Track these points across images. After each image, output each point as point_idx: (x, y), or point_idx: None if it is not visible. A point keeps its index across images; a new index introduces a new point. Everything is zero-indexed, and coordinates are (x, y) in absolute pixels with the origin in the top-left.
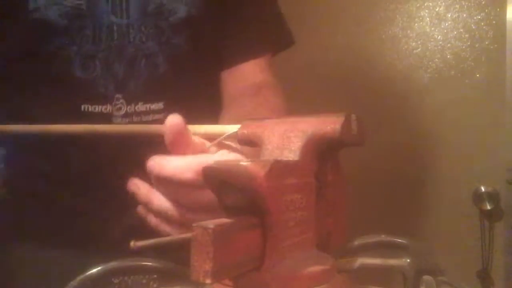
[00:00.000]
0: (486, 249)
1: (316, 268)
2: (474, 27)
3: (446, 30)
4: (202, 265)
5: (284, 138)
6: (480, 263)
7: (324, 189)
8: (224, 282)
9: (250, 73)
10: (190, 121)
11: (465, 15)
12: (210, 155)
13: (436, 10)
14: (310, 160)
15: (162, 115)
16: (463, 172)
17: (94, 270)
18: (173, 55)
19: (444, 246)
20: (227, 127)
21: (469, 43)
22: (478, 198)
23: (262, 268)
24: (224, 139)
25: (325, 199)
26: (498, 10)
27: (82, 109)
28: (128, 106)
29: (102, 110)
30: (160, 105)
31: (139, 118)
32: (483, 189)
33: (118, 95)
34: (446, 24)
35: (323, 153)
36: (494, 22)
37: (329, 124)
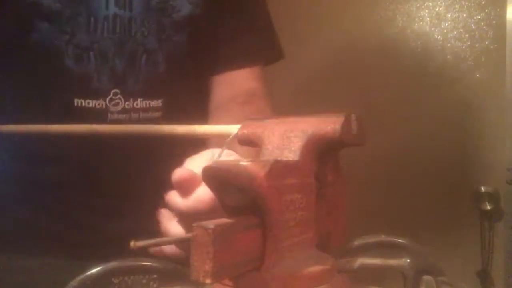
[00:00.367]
0: (486, 249)
1: (316, 268)
2: (474, 27)
3: (446, 30)
4: (202, 265)
5: (284, 138)
6: (480, 263)
7: (324, 189)
8: (224, 282)
9: (242, 80)
10: (188, 120)
11: (465, 15)
12: None
13: (436, 10)
14: (310, 160)
15: (161, 113)
16: (463, 172)
17: (94, 270)
18: (172, 53)
19: (444, 246)
20: (227, 127)
21: (469, 43)
22: (478, 198)
23: (262, 268)
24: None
25: (325, 199)
26: (498, 10)
27: (75, 103)
28: (126, 102)
29: (96, 106)
30: (159, 102)
31: (137, 114)
32: (483, 189)
33: (116, 90)
34: (446, 24)
35: (323, 153)
36: (494, 22)
37: (329, 124)
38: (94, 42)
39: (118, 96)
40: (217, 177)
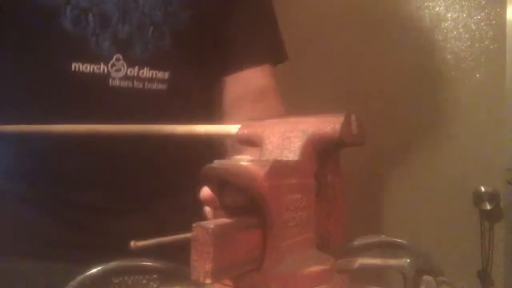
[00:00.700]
0: (486, 249)
1: (316, 268)
2: (474, 27)
3: (446, 30)
4: (202, 265)
5: (284, 138)
6: (480, 263)
7: (324, 189)
8: (224, 282)
9: (254, 78)
10: (192, 100)
11: (465, 15)
12: None
13: (436, 10)
14: (310, 160)
15: (166, 86)
16: (463, 172)
17: (94, 270)
18: (177, 30)
19: (444, 246)
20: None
21: (469, 43)
22: (478, 198)
23: (262, 268)
24: (225, 140)
25: (325, 199)
26: (498, 10)
27: (73, 68)
28: (129, 69)
29: (95, 70)
30: (165, 74)
31: (142, 83)
32: (483, 189)
33: (118, 55)
34: (446, 24)
35: (323, 153)
36: (494, 22)
37: (329, 124)
38: (94, 4)
39: (121, 61)
40: (217, 177)
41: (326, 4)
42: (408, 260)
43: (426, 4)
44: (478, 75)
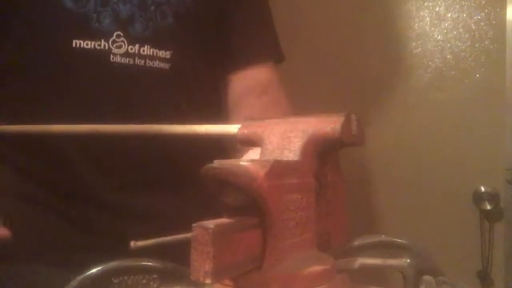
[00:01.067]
0: (486, 249)
1: (316, 268)
2: (474, 27)
3: (446, 30)
4: (202, 265)
5: (284, 138)
6: (480, 263)
7: (324, 189)
8: (224, 282)
9: (258, 73)
10: (196, 82)
11: (465, 15)
12: None
13: (436, 10)
14: (310, 160)
15: (168, 66)
16: (463, 172)
17: (94, 270)
18: (179, 11)
19: (444, 246)
20: (228, 127)
21: (469, 43)
22: (478, 198)
23: (262, 268)
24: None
25: (325, 199)
26: (498, 10)
27: (74, 44)
28: (129, 46)
29: (96, 47)
30: (167, 54)
31: (143, 61)
32: (483, 189)
33: (119, 33)
34: (446, 24)
35: (323, 153)
36: (494, 22)
37: (329, 124)
38: None
39: (121, 38)
40: (217, 177)
41: (325, 3)
42: (408, 260)
43: (426, 4)
44: (478, 75)
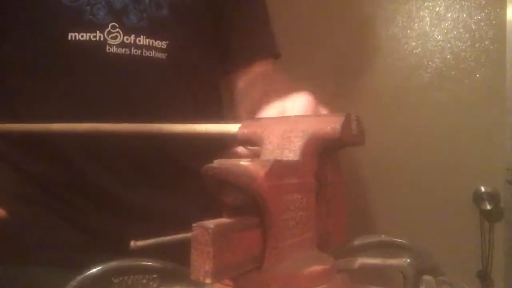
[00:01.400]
0: (486, 249)
1: (316, 268)
2: (474, 27)
3: (446, 30)
4: (202, 265)
5: (284, 138)
6: (480, 263)
7: (324, 189)
8: (224, 282)
9: (258, 69)
10: (194, 72)
11: (465, 15)
12: None
13: (436, 10)
14: (310, 160)
15: (165, 56)
16: (463, 172)
17: (94, 270)
18: (175, 2)
19: (444, 246)
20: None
21: (469, 43)
22: (478, 198)
23: (262, 268)
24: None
25: (325, 199)
26: (498, 10)
27: (69, 37)
28: (125, 36)
29: (91, 38)
30: (163, 44)
31: (140, 50)
32: (483, 189)
33: (113, 24)
34: (446, 24)
35: (323, 153)
36: (494, 22)
37: (329, 124)
38: None
39: (117, 29)
40: (217, 176)
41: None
42: (408, 260)
43: (426, 4)
44: (478, 75)
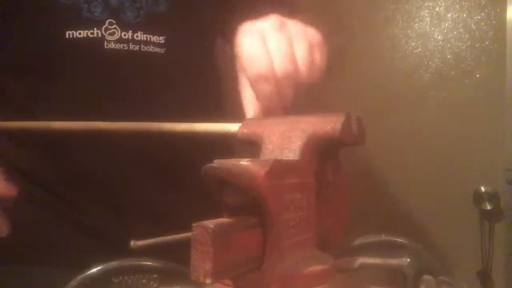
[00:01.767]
0: (486, 249)
1: (316, 268)
2: (474, 27)
3: (446, 30)
4: (202, 265)
5: (284, 138)
6: (480, 263)
7: (324, 189)
8: (224, 282)
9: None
10: (192, 65)
11: (465, 15)
12: None
13: (436, 10)
14: (310, 159)
15: (164, 50)
16: (463, 172)
17: (94, 270)
18: None
19: (444, 246)
20: (227, 126)
21: (469, 43)
22: (478, 198)
23: (262, 268)
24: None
25: (325, 199)
26: (498, 10)
27: (67, 36)
28: (123, 32)
29: (89, 35)
30: (160, 39)
31: (138, 46)
32: (483, 189)
33: (111, 20)
34: (446, 24)
35: (323, 152)
36: (494, 22)
37: (329, 123)
38: None
39: (114, 25)
40: (217, 176)
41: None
42: (408, 260)
43: (426, 4)
44: (478, 75)
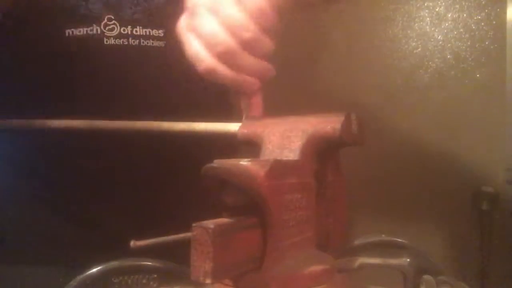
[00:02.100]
0: (486, 249)
1: (316, 268)
2: (474, 27)
3: (446, 30)
4: (202, 265)
5: (284, 138)
6: (480, 263)
7: (324, 189)
8: (224, 282)
9: None
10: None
11: (465, 15)
12: None
13: (436, 10)
14: (310, 159)
15: (163, 43)
16: (463, 172)
17: (94, 270)
18: None
19: (444, 246)
20: (227, 125)
21: (469, 43)
22: (478, 198)
23: (262, 268)
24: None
25: (325, 199)
26: (498, 10)
27: (67, 34)
28: (122, 27)
29: (88, 32)
30: (160, 32)
31: (137, 40)
32: (483, 189)
33: (110, 16)
34: (446, 24)
35: (323, 152)
36: (494, 22)
37: (329, 123)
38: None
39: (113, 21)
40: (217, 176)
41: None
42: (408, 259)
43: (426, 4)
44: (478, 75)
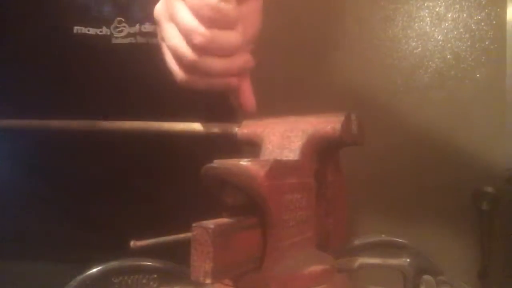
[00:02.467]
0: (486, 249)
1: (316, 268)
2: (474, 27)
3: (446, 30)
4: (202, 265)
5: (284, 138)
6: (480, 263)
7: (324, 189)
8: (224, 282)
9: None
10: None
11: (465, 15)
12: None
13: (436, 10)
14: (310, 159)
15: None
16: (463, 172)
17: (94, 270)
18: None
19: (444, 246)
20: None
21: (469, 43)
22: (478, 198)
23: (262, 268)
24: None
25: (325, 199)
26: (498, 10)
27: (75, 31)
28: (131, 27)
29: (97, 33)
30: None
31: (145, 39)
32: (483, 189)
33: (120, 18)
34: (446, 24)
35: (323, 152)
36: (494, 22)
37: (329, 123)
38: None
39: (123, 24)
40: (217, 176)
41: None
42: (408, 260)
43: (426, 4)
44: (478, 75)
